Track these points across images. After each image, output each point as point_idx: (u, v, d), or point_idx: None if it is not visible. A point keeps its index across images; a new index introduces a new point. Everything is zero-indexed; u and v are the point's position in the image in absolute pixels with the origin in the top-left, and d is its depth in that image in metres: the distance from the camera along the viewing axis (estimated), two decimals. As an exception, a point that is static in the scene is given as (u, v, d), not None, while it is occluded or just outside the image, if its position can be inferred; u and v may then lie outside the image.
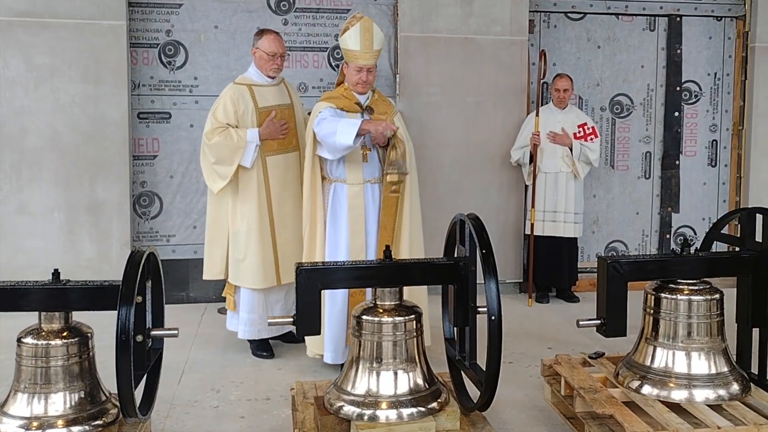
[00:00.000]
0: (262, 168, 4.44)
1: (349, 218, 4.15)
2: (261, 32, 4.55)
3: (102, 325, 3.18)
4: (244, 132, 4.36)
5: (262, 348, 4.61)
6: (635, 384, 3.27)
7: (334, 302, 4.13)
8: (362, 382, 3.01)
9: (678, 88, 6.58)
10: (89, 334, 2.98)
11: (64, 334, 2.90)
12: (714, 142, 6.71)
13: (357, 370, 3.04)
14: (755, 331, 3.43)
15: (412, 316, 3.07)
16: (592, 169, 6.06)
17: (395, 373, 3.01)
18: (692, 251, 3.38)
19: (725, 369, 3.25)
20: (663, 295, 3.30)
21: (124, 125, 5.65)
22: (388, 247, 3.15)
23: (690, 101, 6.65)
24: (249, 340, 4.64)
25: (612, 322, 3.21)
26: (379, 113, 4.21)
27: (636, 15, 6.51)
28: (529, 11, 6.19)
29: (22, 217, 5.58)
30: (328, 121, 4.00)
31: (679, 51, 6.55)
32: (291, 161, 4.56)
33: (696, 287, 3.30)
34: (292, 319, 2.97)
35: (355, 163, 4.15)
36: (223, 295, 4.67)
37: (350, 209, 4.15)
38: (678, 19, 6.53)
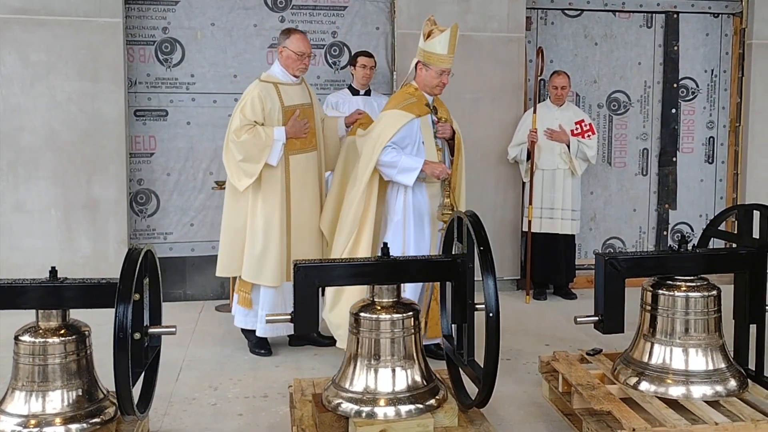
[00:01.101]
0: (284, 167, 4.41)
1: (431, 216, 4.26)
2: (288, 31, 4.52)
3: (99, 323, 3.18)
4: (271, 130, 4.33)
5: (260, 345, 4.60)
6: (633, 380, 3.28)
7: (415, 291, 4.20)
8: (360, 379, 3.01)
9: (675, 85, 6.58)
10: (87, 332, 2.98)
11: (62, 332, 2.90)
12: (711, 139, 6.72)
13: (355, 368, 3.04)
14: (752, 328, 3.43)
15: (410, 313, 3.07)
16: (589, 166, 6.06)
17: (393, 370, 3.01)
18: (689, 248, 3.38)
19: (722, 365, 3.26)
20: (660, 291, 3.31)
21: (120, 123, 5.64)
22: (385, 244, 3.15)
23: (687, 98, 6.65)
24: (248, 338, 4.63)
25: (609, 319, 3.21)
26: (440, 113, 4.35)
27: (633, 12, 6.51)
28: (527, 8, 6.19)
29: (18, 215, 5.57)
30: (393, 153, 4.13)
31: (676, 48, 6.55)
32: (311, 160, 4.53)
33: (693, 284, 3.30)
34: (290, 317, 2.97)
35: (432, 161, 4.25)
36: (236, 292, 4.63)
37: (432, 206, 4.27)
38: (675, 16, 6.54)
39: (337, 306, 4.22)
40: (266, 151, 4.31)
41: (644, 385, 3.24)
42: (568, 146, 5.85)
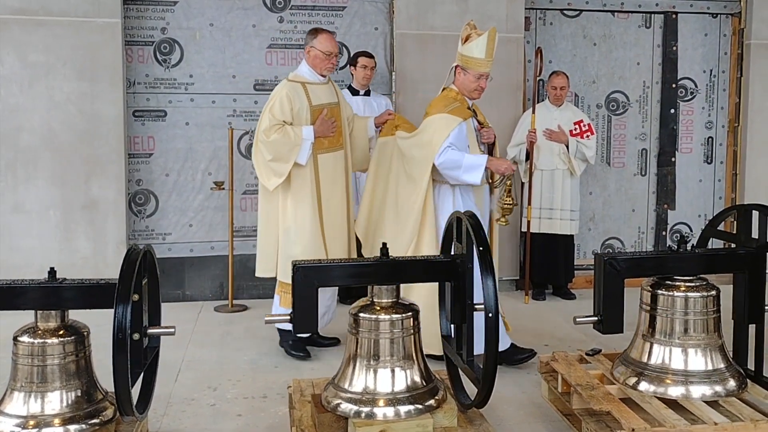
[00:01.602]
0: (313, 166, 4.40)
1: (482, 219, 4.19)
2: (315, 31, 4.50)
3: (98, 324, 3.18)
4: (300, 129, 4.31)
5: (297, 348, 4.54)
6: (632, 381, 3.27)
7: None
8: (359, 380, 3.01)
9: (674, 85, 6.59)
10: (85, 333, 2.98)
11: (61, 332, 2.90)
12: (710, 139, 6.73)
13: (354, 368, 3.04)
14: (752, 328, 3.43)
15: (409, 313, 3.06)
16: (588, 166, 6.07)
17: (392, 371, 3.00)
18: (688, 248, 3.38)
19: (722, 365, 3.25)
20: (660, 291, 3.31)
21: (119, 123, 5.64)
22: (384, 244, 3.15)
23: (686, 98, 6.66)
24: (284, 339, 4.56)
25: (609, 319, 3.21)
26: (480, 118, 4.39)
27: (632, 12, 6.52)
28: (525, 8, 6.19)
29: (17, 216, 5.56)
30: (452, 152, 4.09)
31: (674, 48, 6.56)
32: (339, 159, 4.52)
33: (692, 284, 3.30)
34: (289, 317, 2.97)
35: None
36: (277, 293, 4.56)
37: (482, 210, 4.27)
38: (674, 16, 6.54)
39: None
40: (295, 150, 4.29)
41: (643, 386, 3.23)
42: (567, 146, 5.86)
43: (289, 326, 4.39)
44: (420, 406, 2.96)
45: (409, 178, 4.28)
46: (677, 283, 3.31)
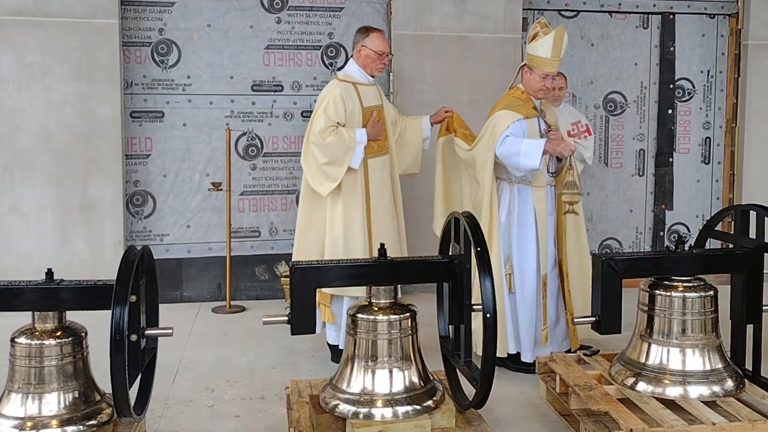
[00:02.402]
0: (364, 171, 4.25)
1: (538, 221, 4.19)
2: (366, 30, 4.36)
3: (96, 325, 3.17)
4: (354, 131, 4.16)
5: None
6: (630, 381, 3.28)
7: (524, 296, 4.17)
8: (357, 381, 3.01)
9: (671, 86, 6.59)
10: (83, 334, 2.97)
11: (58, 333, 2.89)
12: (707, 140, 6.73)
13: (352, 369, 3.04)
14: (749, 328, 3.44)
15: (407, 314, 3.07)
16: (585, 166, 6.05)
17: (390, 372, 3.00)
18: (686, 248, 3.38)
19: (719, 365, 3.26)
20: (657, 292, 3.31)
21: (116, 124, 5.63)
22: (382, 245, 3.15)
23: (683, 99, 6.66)
24: (334, 353, 4.37)
25: (607, 320, 3.22)
26: (548, 117, 4.33)
27: (629, 13, 6.52)
28: (523, 9, 6.19)
29: (14, 217, 5.55)
30: (511, 140, 4.05)
31: (672, 48, 6.56)
32: (386, 164, 4.39)
33: (690, 284, 3.30)
34: (286, 318, 2.97)
35: None
36: (317, 305, 4.40)
37: (538, 212, 4.20)
38: (671, 16, 6.55)
39: None
40: (350, 153, 4.13)
41: (641, 386, 3.23)
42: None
43: (333, 340, 4.34)
44: (418, 407, 2.96)
45: (473, 179, 4.28)
46: (675, 284, 3.31)
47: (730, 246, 3.70)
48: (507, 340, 4.16)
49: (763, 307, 3.39)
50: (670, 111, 6.61)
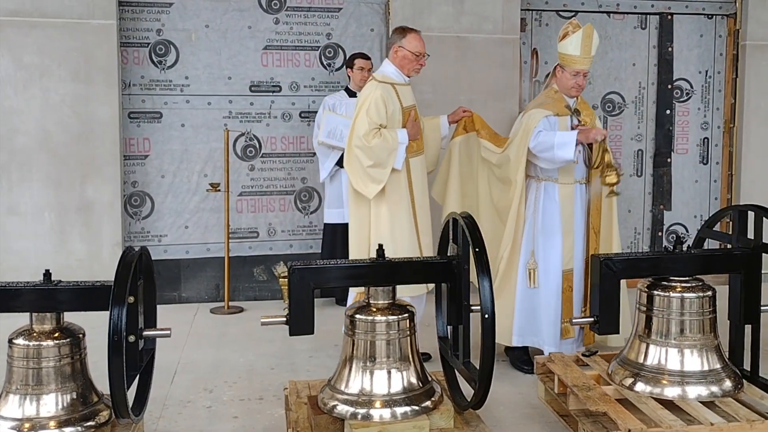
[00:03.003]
0: (406, 171, 4.22)
1: (563, 218, 4.20)
2: (403, 30, 4.31)
3: (94, 326, 3.16)
4: (395, 133, 4.13)
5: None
6: (628, 381, 3.28)
7: (548, 291, 4.19)
8: (356, 381, 3.01)
9: (669, 86, 6.60)
10: (81, 335, 2.97)
11: (56, 334, 2.89)
12: (705, 140, 6.74)
13: (350, 369, 3.04)
14: (747, 328, 3.44)
15: (405, 315, 3.06)
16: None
17: (389, 372, 3.00)
18: (684, 249, 3.38)
19: (718, 366, 3.26)
20: (656, 292, 3.31)
21: (114, 125, 5.62)
22: (381, 246, 3.15)
23: (681, 99, 6.67)
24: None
25: (605, 320, 3.22)
26: (583, 116, 4.34)
27: (627, 13, 6.53)
28: (521, 9, 6.19)
29: (12, 218, 5.55)
30: (544, 134, 4.07)
31: (670, 49, 6.57)
32: (423, 163, 4.39)
33: (688, 284, 3.30)
34: (284, 319, 2.96)
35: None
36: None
37: (563, 209, 4.20)
38: (669, 17, 6.55)
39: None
40: (393, 155, 4.10)
41: (640, 386, 3.23)
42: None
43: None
44: (416, 408, 2.96)
45: (503, 180, 4.30)
46: (673, 284, 3.31)
47: (729, 246, 3.70)
48: (512, 333, 4.21)
49: (761, 308, 3.40)
50: (668, 111, 6.61)
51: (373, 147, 4.07)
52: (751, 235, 3.50)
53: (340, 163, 5.57)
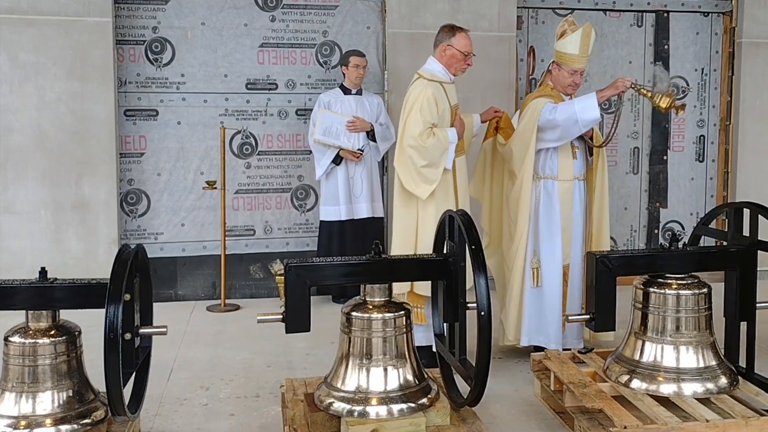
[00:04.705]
0: (453, 170, 4.17)
1: (562, 214, 4.22)
2: (452, 29, 4.25)
3: (90, 324, 3.16)
4: (446, 132, 4.07)
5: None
6: (624, 378, 3.28)
7: (552, 289, 4.20)
8: (352, 379, 3.01)
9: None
10: (77, 333, 2.97)
11: (52, 332, 2.89)
12: (701, 138, 6.74)
13: (347, 367, 3.04)
14: (743, 325, 3.45)
15: (402, 312, 3.07)
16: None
17: (385, 370, 3.01)
18: (680, 246, 3.39)
19: (713, 363, 3.27)
20: (651, 289, 3.32)
21: (110, 123, 5.61)
22: (377, 243, 3.15)
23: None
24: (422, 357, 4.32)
25: (601, 317, 3.22)
26: None
27: (623, 11, 6.53)
28: (517, 7, 6.19)
29: (7, 216, 5.54)
30: (561, 105, 4.12)
31: (666, 47, 6.57)
32: (465, 163, 4.35)
33: (684, 282, 3.31)
34: (281, 316, 2.96)
35: (566, 159, 4.26)
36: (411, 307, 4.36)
37: (562, 206, 4.23)
38: (665, 15, 6.56)
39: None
40: (445, 154, 4.04)
41: (636, 383, 3.24)
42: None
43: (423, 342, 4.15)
44: (413, 405, 2.96)
45: (511, 174, 4.32)
46: (669, 281, 3.32)
47: (724, 243, 3.71)
48: (521, 333, 4.24)
49: (757, 305, 3.41)
50: (664, 109, 6.61)
51: (428, 147, 4.00)
52: (746, 232, 3.52)
53: (336, 160, 5.58)
